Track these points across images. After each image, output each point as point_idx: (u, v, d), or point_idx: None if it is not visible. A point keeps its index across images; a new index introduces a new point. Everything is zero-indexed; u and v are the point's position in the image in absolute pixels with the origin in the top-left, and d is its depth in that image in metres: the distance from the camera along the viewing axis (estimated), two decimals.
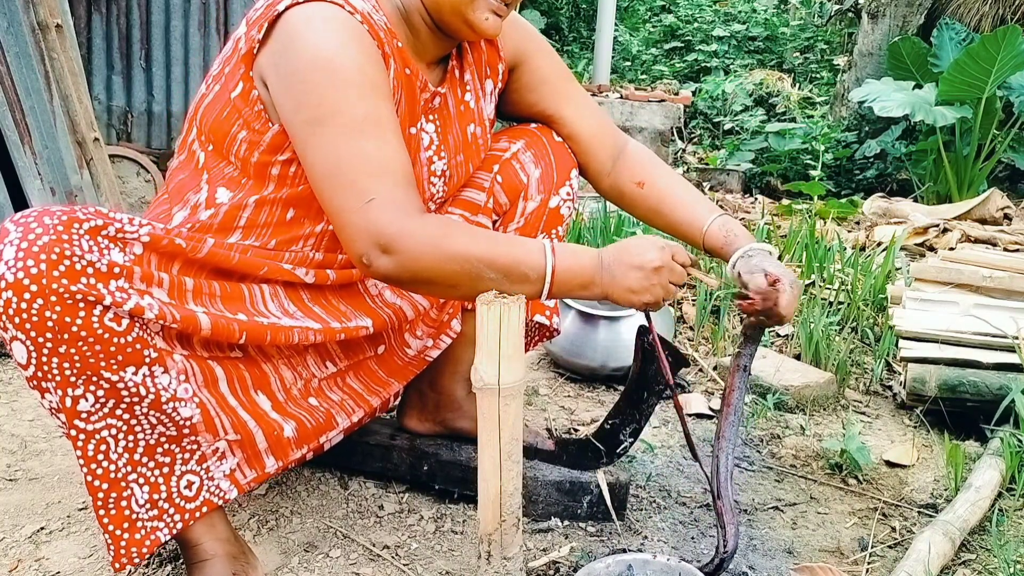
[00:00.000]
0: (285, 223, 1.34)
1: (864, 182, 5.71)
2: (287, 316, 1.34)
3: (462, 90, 1.48)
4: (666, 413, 2.10)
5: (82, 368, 1.11)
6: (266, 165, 1.30)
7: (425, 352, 1.59)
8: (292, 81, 1.22)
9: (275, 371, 1.38)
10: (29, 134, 2.76)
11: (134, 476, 1.22)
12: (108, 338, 1.10)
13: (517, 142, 1.55)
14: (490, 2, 1.31)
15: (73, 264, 1.06)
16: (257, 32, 1.24)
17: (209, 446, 1.29)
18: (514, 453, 1.24)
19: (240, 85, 1.28)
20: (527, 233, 1.56)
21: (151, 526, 1.25)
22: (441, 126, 1.44)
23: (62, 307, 1.06)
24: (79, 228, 1.08)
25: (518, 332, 1.18)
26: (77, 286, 1.06)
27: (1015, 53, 4.55)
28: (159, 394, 1.18)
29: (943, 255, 2.59)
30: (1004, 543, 1.56)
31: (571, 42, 8.84)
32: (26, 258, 1.05)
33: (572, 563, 1.45)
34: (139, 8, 4.17)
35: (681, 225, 1.52)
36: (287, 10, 1.22)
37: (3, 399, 2.01)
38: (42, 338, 1.07)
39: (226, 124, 1.29)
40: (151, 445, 1.22)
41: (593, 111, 1.61)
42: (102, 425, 1.16)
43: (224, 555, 1.32)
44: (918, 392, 2.07)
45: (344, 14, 1.23)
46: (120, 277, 1.11)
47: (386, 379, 1.56)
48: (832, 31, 8.96)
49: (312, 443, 1.43)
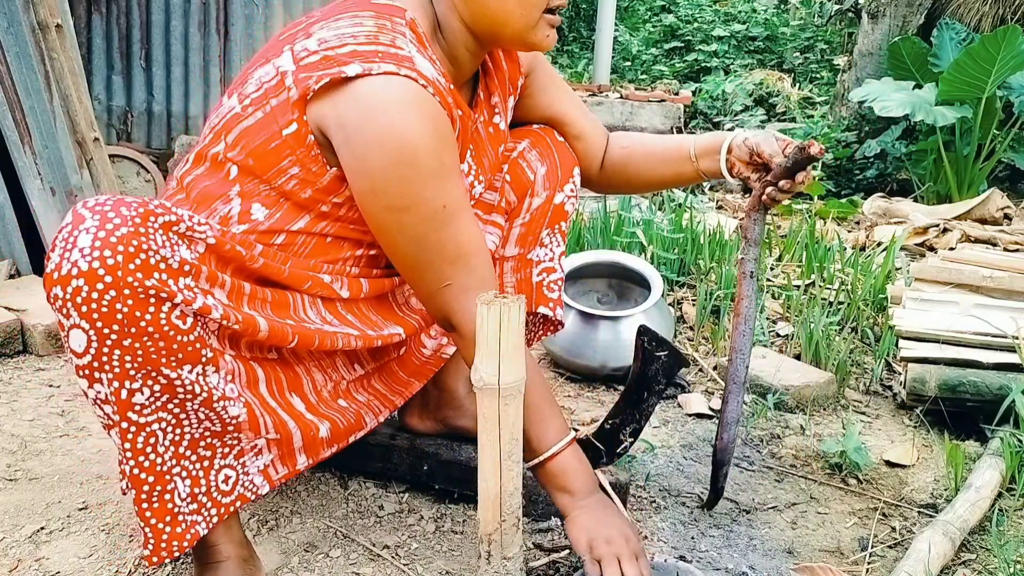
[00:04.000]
0: (325, 246, 1.34)
1: (864, 182, 5.70)
2: (327, 324, 1.35)
3: (490, 113, 1.49)
4: (666, 413, 2.10)
5: (143, 362, 1.10)
6: (317, 202, 1.29)
7: (441, 351, 1.61)
8: (370, 165, 1.20)
9: (307, 373, 1.40)
10: (29, 134, 2.76)
11: (178, 469, 1.22)
12: (173, 335, 1.10)
13: (522, 142, 1.58)
14: (549, 19, 1.31)
15: (148, 258, 1.06)
16: (315, 83, 1.20)
17: (248, 442, 1.30)
18: (514, 453, 1.24)
19: (294, 126, 1.23)
20: (532, 228, 1.59)
21: (191, 519, 1.25)
22: (475, 151, 1.45)
23: (134, 301, 1.06)
24: (154, 222, 1.08)
25: (518, 332, 1.18)
26: (151, 281, 1.06)
27: (1015, 53, 4.54)
28: (211, 393, 1.18)
29: (943, 255, 2.58)
30: (1004, 543, 1.56)
31: (571, 42, 8.84)
32: (103, 248, 1.04)
33: (572, 563, 1.45)
34: (139, 8, 4.17)
35: (670, 150, 1.56)
36: (358, 78, 1.18)
37: (3, 399, 2.01)
38: (108, 329, 1.06)
39: (274, 156, 1.26)
40: (195, 439, 1.23)
41: (584, 107, 1.66)
42: (154, 419, 1.16)
43: (237, 558, 1.33)
44: (918, 392, 2.07)
45: (419, 92, 1.20)
46: (189, 275, 1.11)
47: (407, 379, 1.58)
48: (832, 31, 8.96)
49: (342, 443, 1.45)
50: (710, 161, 1.51)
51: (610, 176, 1.65)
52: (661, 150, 1.58)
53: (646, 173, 1.60)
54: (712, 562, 1.50)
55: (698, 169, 1.52)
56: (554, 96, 1.60)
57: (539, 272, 1.63)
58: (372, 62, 1.18)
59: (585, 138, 1.62)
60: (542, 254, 1.62)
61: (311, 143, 1.24)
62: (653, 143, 1.61)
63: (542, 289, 1.63)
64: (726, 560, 1.51)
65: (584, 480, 1.36)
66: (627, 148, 1.62)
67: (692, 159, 1.52)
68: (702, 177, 1.53)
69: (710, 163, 1.51)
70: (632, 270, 2.41)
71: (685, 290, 2.87)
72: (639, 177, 1.61)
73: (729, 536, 1.60)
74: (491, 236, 1.56)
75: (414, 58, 1.22)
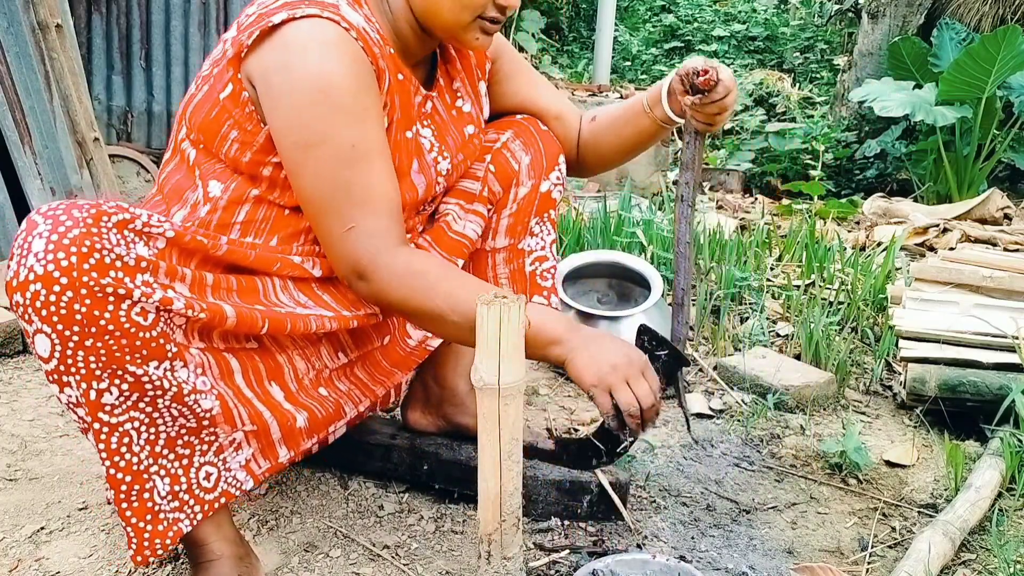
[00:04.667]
0: (283, 218, 1.35)
1: (864, 182, 5.71)
2: (300, 306, 1.35)
3: (452, 97, 1.51)
4: (666, 413, 2.10)
5: (108, 361, 1.11)
6: (258, 164, 1.31)
7: (425, 342, 1.60)
8: (285, 102, 1.23)
9: (289, 362, 1.40)
10: (29, 134, 2.77)
11: (155, 468, 1.23)
12: (134, 332, 1.11)
13: (506, 132, 1.59)
14: (483, 24, 1.35)
15: (103, 258, 1.07)
16: (247, 38, 1.25)
17: (226, 437, 1.30)
18: (514, 453, 1.24)
19: (229, 86, 1.29)
20: (521, 218, 1.60)
21: (173, 517, 1.26)
22: (437, 130, 1.47)
23: (91, 300, 1.07)
24: (107, 221, 1.09)
25: (518, 332, 1.18)
26: (106, 279, 1.07)
27: (1015, 53, 4.54)
28: (181, 387, 1.19)
29: (943, 255, 2.58)
30: (1004, 543, 1.56)
31: (571, 42, 8.83)
32: (56, 251, 1.05)
33: (572, 563, 1.45)
34: (139, 8, 4.17)
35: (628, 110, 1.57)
36: (284, 24, 1.23)
37: (3, 399, 2.01)
38: (69, 331, 1.07)
39: (216, 124, 1.30)
40: (172, 437, 1.23)
41: (555, 89, 1.68)
42: (125, 418, 1.17)
43: (231, 556, 1.33)
44: (918, 392, 2.07)
45: (340, 33, 1.24)
46: (146, 271, 1.12)
47: (390, 369, 1.57)
48: (832, 31, 8.96)
49: (321, 433, 1.45)
50: (659, 107, 1.51)
51: (586, 152, 1.66)
52: (621, 112, 1.59)
53: (615, 139, 1.60)
54: (712, 562, 1.50)
55: (654, 119, 1.52)
56: (523, 82, 1.63)
57: (532, 261, 1.64)
58: (297, 8, 1.23)
59: (563, 117, 1.64)
60: (533, 243, 1.63)
61: (244, 100, 1.27)
62: (614, 109, 1.62)
63: (536, 279, 1.65)
64: (726, 560, 1.51)
65: (560, 322, 1.30)
66: (594, 120, 1.64)
67: (646, 110, 1.53)
68: (660, 127, 1.53)
69: (660, 108, 1.51)
70: (632, 270, 2.41)
71: None
72: (609, 145, 1.62)
73: (729, 536, 1.60)
74: (472, 225, 1.56)
75: (340, 6, 1.26)
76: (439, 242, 1.53)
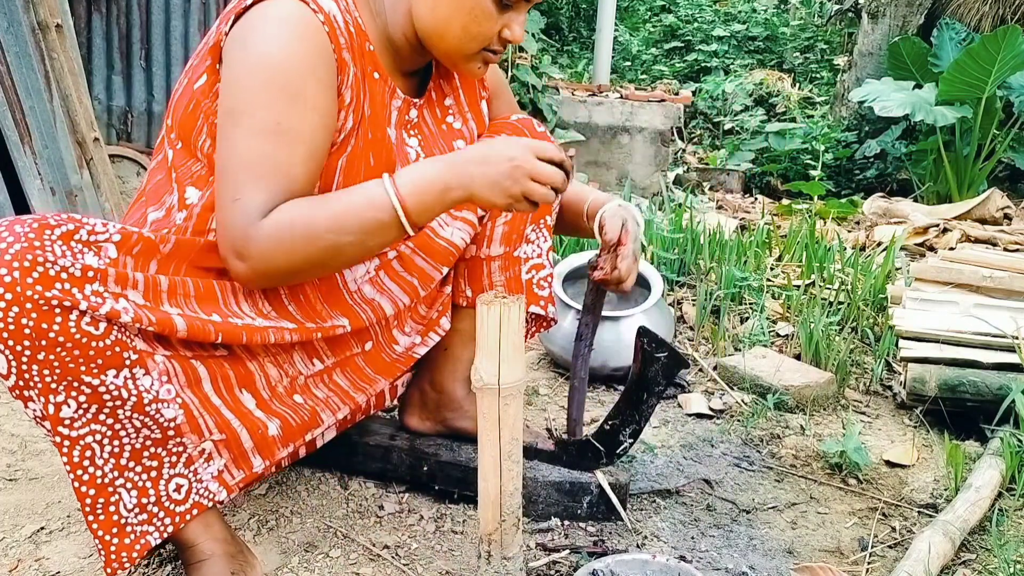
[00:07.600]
0: None
1: (864, 182, 5.71)
2: (261, 316, 1.32)
3: (442, 112, 1.49)
4: (666, 413, 2.10)
5: (62, 374, 1.10)
6: None
7: (412, 349, 1.58)
8: (230, 73, 1.23)
9: (261, 369, 1.37)
10: (29, 134, 2.77)
11: (121, 481, 1.21)
12: (86, 342, 1.10)
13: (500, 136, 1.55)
14: (486, 56, 1.35)
15: (47, 270, 1.06)
16: (225, 24, 1.25)
17: (195, 447, 1.28)
18: (514, 453, 1.24)
19: (204, 77, 1.28)
20: (516, 225, 1.57)
21: (141, 530, 1.25)
22: (424, 140, 1.45)
23: (38, 314, 1.06)
24: (51, 234, 1.08)
25: (518, 332, 1.18)
26: (52, 292, 1.06)
27: (1015, 53, 4.55)
28: (141, 396, 1.17)
29: (943, 255, 2.59)
30: (1004, 543, 1.56)
31: (571, 42, 8.84)
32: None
33: (572, 563, 1.45)
34: (139, 8, 4.17)
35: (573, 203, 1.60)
36: (254, 4, 1.23)
37: (3, 399, 2.01)
38: (20, 346, 1.07)
39: (191, 118, 1.30)
40: (137, 449, 1.22)
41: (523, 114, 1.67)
42: (86, 431, 1.16)
43: (222, 554, 1.32)
44: (918, 392, 2.07)
45: (304, 14, 1.22)
46: (95, 281, 1.10)
47: (373, 376, 1.54)
48: (832, 31, 8.96)
49: (297, 441, 1.41)
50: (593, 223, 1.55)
51: None
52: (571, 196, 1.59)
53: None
54: (712, 562, 1.50)
55: (589, 227, 1.57)
56: (505, 100, 1.63)
57: (528, 269, 1.62)
58: None
59: None
60: (529, 251, 1.61)
61: (216, 90, 1.26)
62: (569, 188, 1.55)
63: (532, 287, 1.63)
64: (726, 560, 1.51)
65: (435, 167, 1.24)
66: None
67: (584, 218, 1.57)
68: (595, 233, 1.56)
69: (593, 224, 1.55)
70: None
71: (685, 290, 2.88)
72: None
73: (729, 536, 1.60)
74: (460, 232, 1.50)
75: None
76: (424, 248, 1.47)
